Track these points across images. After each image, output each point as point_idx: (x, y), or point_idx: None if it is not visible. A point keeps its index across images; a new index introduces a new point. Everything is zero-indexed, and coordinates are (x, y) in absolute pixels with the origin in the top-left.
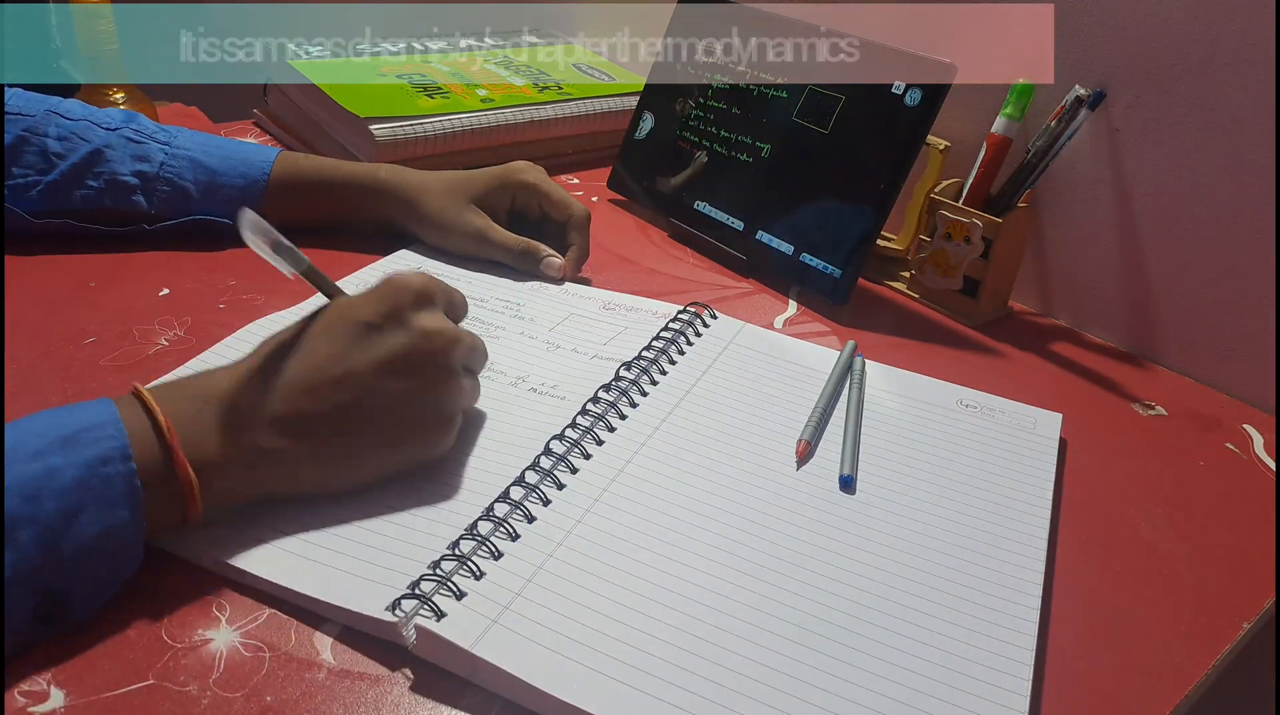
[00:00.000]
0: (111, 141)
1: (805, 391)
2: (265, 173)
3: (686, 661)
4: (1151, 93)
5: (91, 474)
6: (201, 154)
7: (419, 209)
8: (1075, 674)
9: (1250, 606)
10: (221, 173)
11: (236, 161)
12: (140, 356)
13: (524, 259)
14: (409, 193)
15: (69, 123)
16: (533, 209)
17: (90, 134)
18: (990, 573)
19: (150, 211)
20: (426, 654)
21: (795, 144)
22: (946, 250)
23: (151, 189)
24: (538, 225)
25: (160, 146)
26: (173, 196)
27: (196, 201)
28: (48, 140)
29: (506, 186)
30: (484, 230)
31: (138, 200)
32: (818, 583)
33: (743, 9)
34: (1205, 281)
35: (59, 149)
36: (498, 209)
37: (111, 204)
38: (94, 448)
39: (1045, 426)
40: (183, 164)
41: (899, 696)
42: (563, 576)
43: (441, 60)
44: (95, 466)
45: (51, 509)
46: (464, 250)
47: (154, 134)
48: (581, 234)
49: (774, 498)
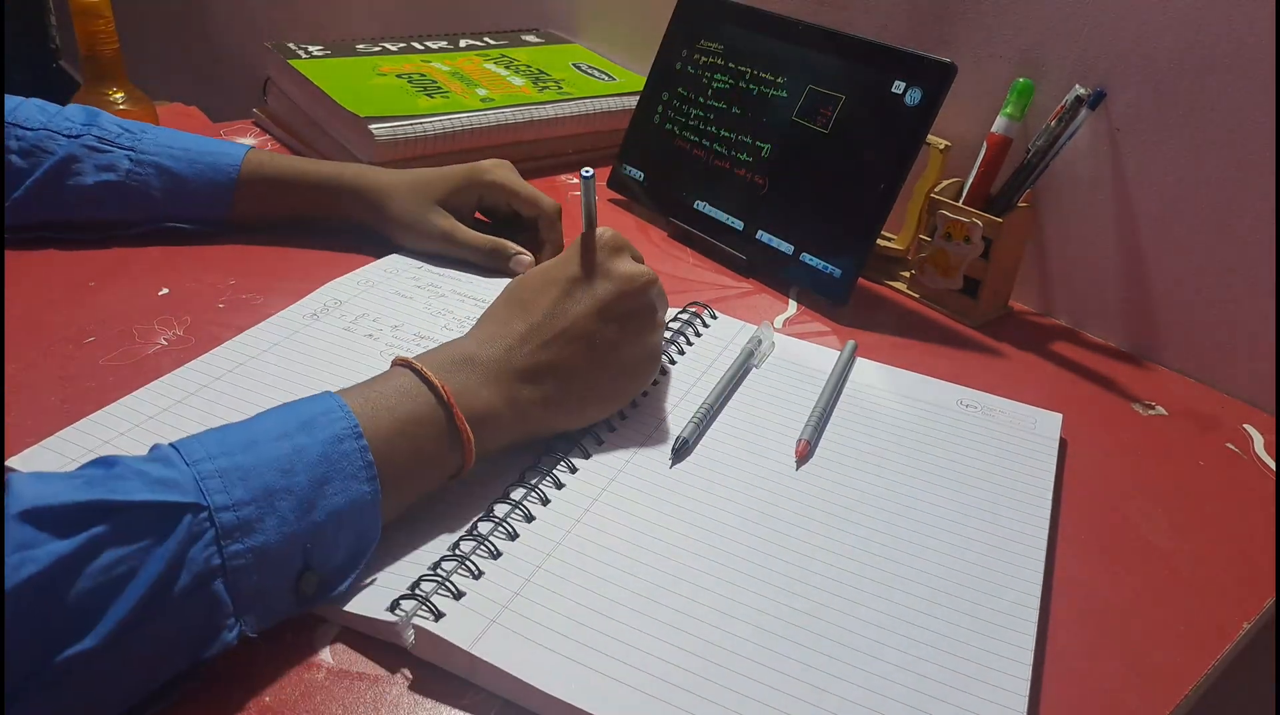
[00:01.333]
0: (75, 151)
1: (805, 391)
2: (233, 176)
3: (685, 660)
4: (1151, 93)
5: (332, 450)
6: (168, 159)
7: (385, 211)
8: (1075, 674)
9: (1250, 606)
10: (189, 178)
11: (203, 166)
12: (140, 356)
13: (493, 258)
14: (375, 195)
15: (29, 133)
16: (501, 207)
17: (52, 144)
18: (990, 573)
19: (118, 219)
20: (425, 654)
21: (795, 144)
22: (947, 250)
23: (118, 198)
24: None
25: (125, 153)
26: (140, 203)
27: (164, 207)
28: (11, 157)
29: (473, 186)
30: (450, 231)
31: (105, 210)
32: (817, 582)
33: (743, 8)
34: (1205, 281)
35: (22, 164)
36: (464, 208)
37: (78, 215)
38: (330, 427)
39: (1045, 427)
40: (149, 172)
41: (898, 696)
42: (561, 576)
43: (441, 60)
44: (333, 443)
45: (304, 480)
46: (431, 250)
47: (118, 138)
48: (554, 229)
49: (773, 497)
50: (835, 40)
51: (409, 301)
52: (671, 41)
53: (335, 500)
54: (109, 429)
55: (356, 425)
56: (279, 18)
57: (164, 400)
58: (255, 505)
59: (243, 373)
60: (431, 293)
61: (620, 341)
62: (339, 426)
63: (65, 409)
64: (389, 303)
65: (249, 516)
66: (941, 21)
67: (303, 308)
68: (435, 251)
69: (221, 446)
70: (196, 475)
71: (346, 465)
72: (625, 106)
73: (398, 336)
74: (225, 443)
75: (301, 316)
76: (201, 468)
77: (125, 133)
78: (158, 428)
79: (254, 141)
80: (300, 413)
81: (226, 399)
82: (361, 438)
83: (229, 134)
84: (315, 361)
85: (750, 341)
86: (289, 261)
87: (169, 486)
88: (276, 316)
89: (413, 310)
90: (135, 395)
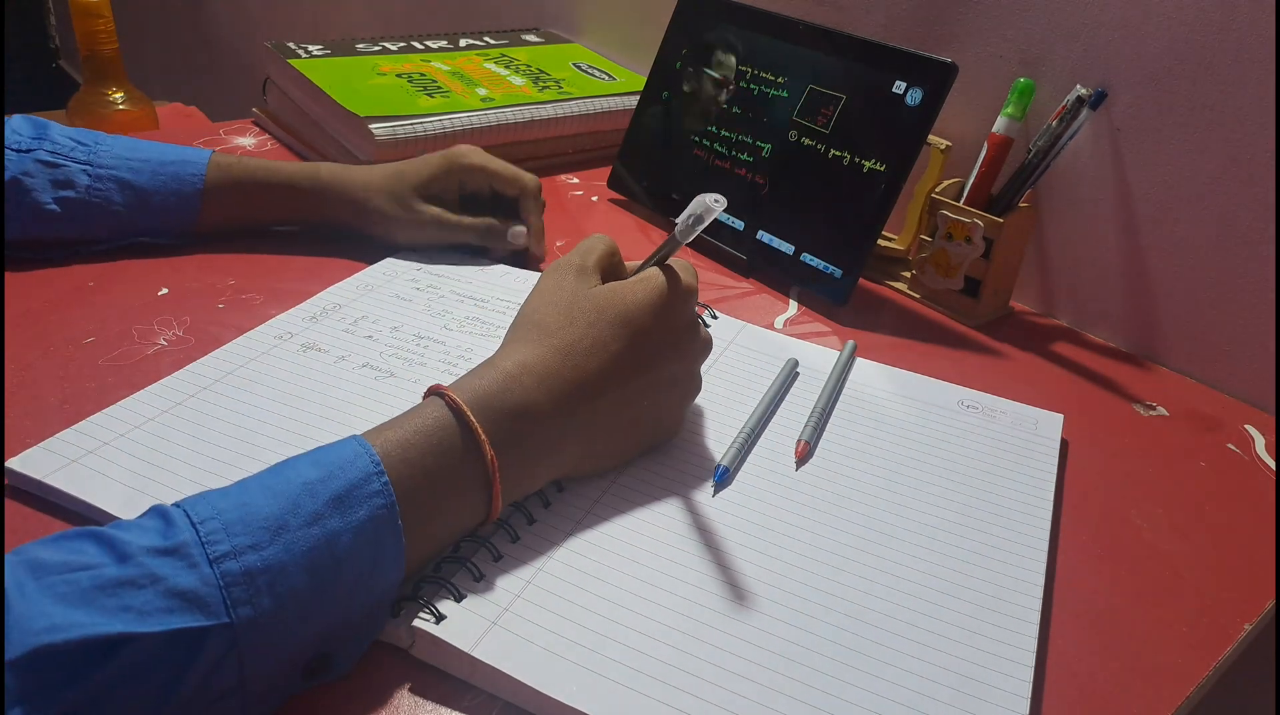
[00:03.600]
0: (27, 167)
1: (805, 392)
2: (198, 186)
3: (684, 663)
4: (1152, 93)
5: (365, 541)
6: (128, 172)
7: (367, 207)
8: (1076, 676)
9: (1252, 607)
10: (152, 191)
11: (166, 177)
12: (139, 356)
13: (489, 236)
14: (355, 192)
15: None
16: (484, 190)
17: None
18: (991, 574)
19: (80, 237)
20: (426, 655)
21: (795, 143)
22: (947, 250)
23: (80, 215)
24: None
25: (81, 167)
26: (103, 220)
27: (129, 221)
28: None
29: (452, 172)
30: (441, 217)
31: (66, 228)
32: (817, 583)
33: (743, 8)
34: (1205, 281)
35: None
36: (446, 195)
37: (39, 234)
38: (365, 508)
39: (1047, 427)
40: (110, 187)
41: (898, 698)
42: (561, 578)
43: (442, 59)
44: (367, 530)
45: (335, 586)
46: (424, 239)
47: (71, 152)
48: (537, 202)
49: (773, 498)
50: (836, 40)
51: (408, 303)
52: (672, 41)
53: (362, 598)
54: (109, 431)
55: (394, 501)
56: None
57: (164, 402)
58: (280, 615)
59: (243, 376)
60: (431, 294)
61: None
62: (375, 506)
63: (65, 409)
64: (388, 305)
65: (274, 630)
66: (942, 21)
67: (302, 311)
68: (428, 240)
69: (245, 526)
70: (220, 579)
71: (379, 555)
72: (625, 106)
73: (397, 337)
74: (249, 522)
75: (301, 319)
76: (226, 568)
77: (78, 145)
78: (158, 430)
79: (253, 141)
80: (332, 483)
81: (227, 402)
82: (398, 519)
83: (229, 133)
84: (315, 365)
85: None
86: (288, 262)
87: (189, 604)
88: (275, 319)
89: (412, 312)
90: (136, 397)
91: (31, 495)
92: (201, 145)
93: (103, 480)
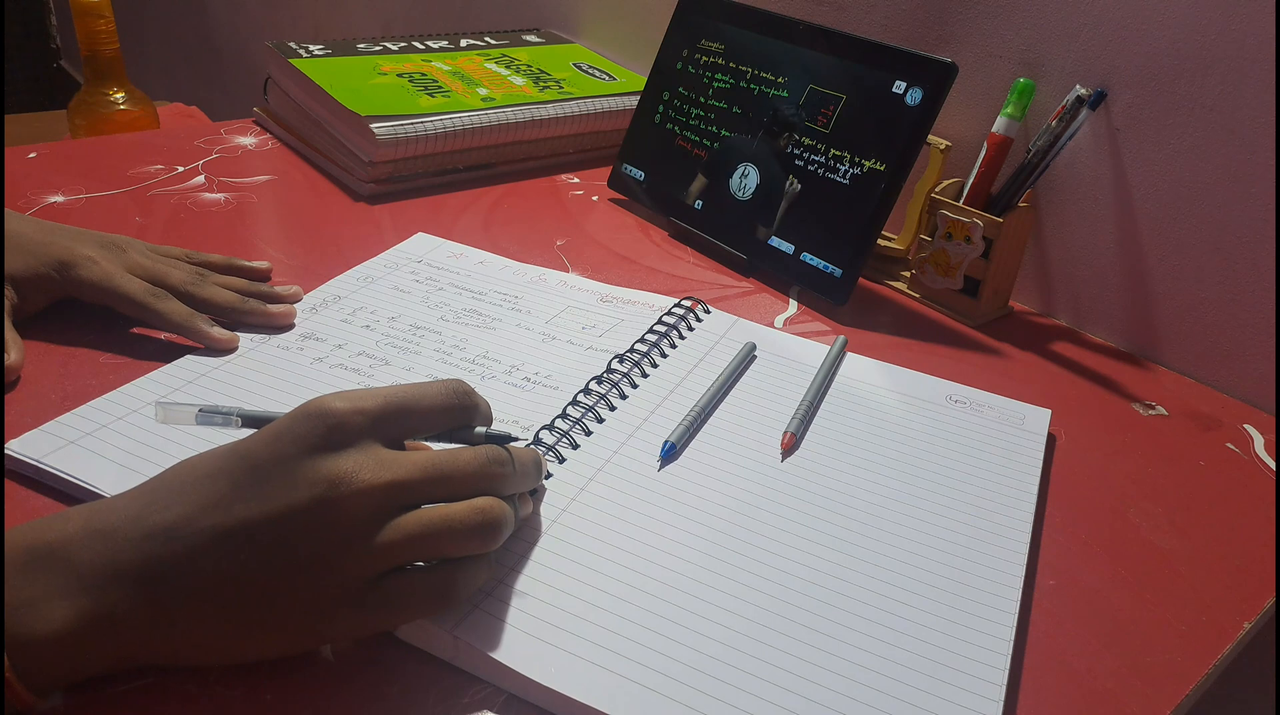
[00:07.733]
0: None
1: (793, 385)
2: None
3: (666, 648)
4: (1152, 92)
5: None
6: None
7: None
8: (1075, 675)
9: (1251, 606)
10: None
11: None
12: (140, 353)
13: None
14: None
15: None
16: None
17: None
18: (972, 565)
19: None
20: (410, 637)
21: (796, 143)
22: (947, 250)
23: None
24: None
25: None
26: None
27: None
28: None
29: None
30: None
31: None
32: (799, 572)
33: (743, 8)
34: (1205, 281)
35: None
36: None
37: None
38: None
39: (1034, 422)
40: None
41: (876, 685)
42: (545, 564)
43: (442, 59)
44: None
45: None
46: None
47: None
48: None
49: (758, 489)
50: (835, 40)
51: (406, 295)
52: (672, 41)
53: None
54: (107, 414)
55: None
56: (279, 17)
57: (164, 388)
58: None
59: (243, 363)
60: (430, 286)
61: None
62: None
63: (65, 407)
64: (387, 297)
65: None
66: (942, 21)
67: (302, 303)
68: None
69: None
70: None
71: None
72: (626, 106)
73: (394, 327)
74: None
75: (301, 310)
76: None
77: None
78: None
79: (254, 141)
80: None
81: (225, 387)
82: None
83: (230, 133)
84: (311, 352)
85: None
86: (290, 257)
87: None
88: None
89: (410, 303)
90: (136, 382)
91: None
92: (203, 144)
93: (100, 461)
